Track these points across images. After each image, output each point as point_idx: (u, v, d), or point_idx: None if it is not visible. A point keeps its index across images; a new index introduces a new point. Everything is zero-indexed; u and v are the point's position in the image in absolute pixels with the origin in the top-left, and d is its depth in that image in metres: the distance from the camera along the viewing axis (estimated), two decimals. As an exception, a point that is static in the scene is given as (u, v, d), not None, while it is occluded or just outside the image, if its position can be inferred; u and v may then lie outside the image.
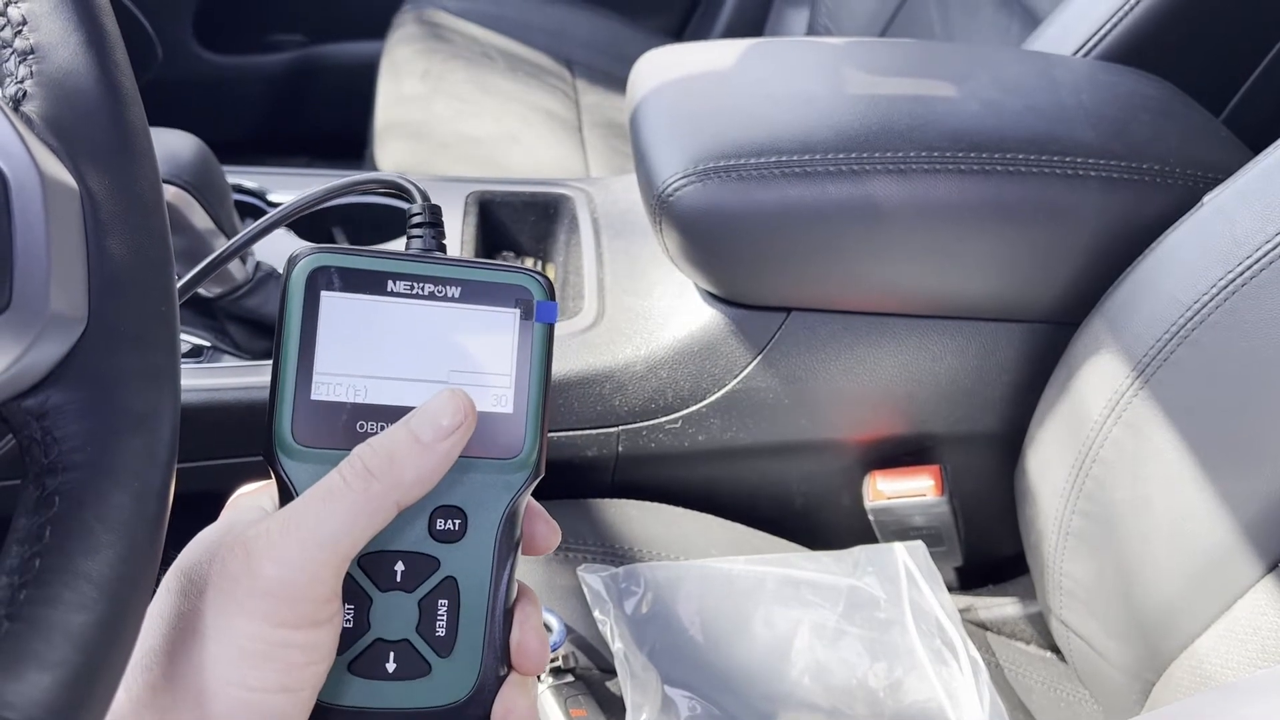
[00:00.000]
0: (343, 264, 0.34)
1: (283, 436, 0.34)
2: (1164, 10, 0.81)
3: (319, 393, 0.34)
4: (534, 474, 0.36)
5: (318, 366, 0.34)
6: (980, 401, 0.76)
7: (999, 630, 0.81)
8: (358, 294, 0.34)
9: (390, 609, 0.34)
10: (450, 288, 0.35)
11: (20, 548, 0.28)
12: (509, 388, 0.35)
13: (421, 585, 0.34)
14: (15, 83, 0.31)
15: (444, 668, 0.35)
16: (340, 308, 0.34)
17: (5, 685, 0.25)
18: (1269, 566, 0.58)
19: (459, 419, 0.33)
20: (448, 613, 0.35)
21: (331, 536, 0.31)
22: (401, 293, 0.35)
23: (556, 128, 1.25)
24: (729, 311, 0.74)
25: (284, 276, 0.35)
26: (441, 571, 0.35)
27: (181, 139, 0.67)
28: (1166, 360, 0.62)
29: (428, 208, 0.38)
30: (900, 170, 0.67)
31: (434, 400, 0.34)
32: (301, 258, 0.34)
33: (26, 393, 0.29)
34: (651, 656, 0.65)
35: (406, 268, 0.35)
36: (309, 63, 1.63)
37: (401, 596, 0.34)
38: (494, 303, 0.35)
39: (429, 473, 0.33)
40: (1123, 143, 0.71)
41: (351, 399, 0.34)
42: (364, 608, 0.34)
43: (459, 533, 0.35)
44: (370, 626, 0.34)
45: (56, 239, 0.29)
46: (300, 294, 0.34)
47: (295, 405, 0.34)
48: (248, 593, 0.31)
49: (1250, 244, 0.59)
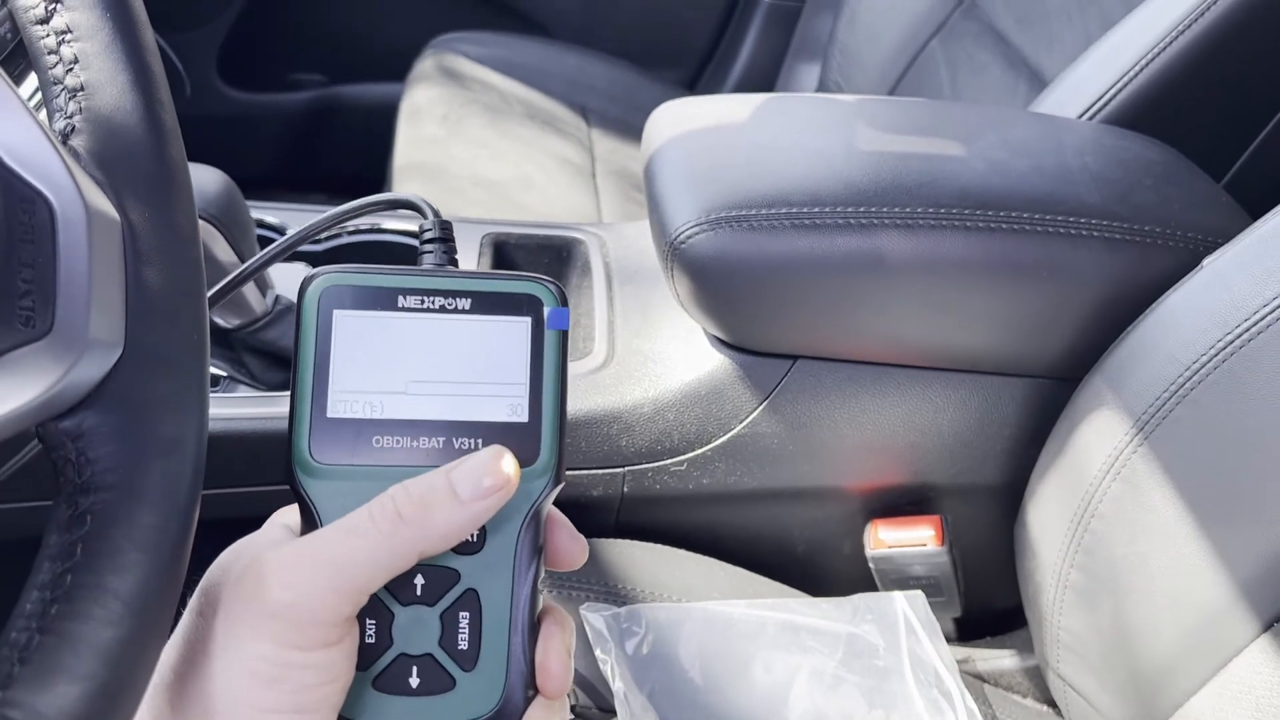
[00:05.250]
0: (354, 282, 0.35)
1: (301, 455, 0.34)
2: (1169, 77, 0.83)
3: (336, 410, 0.35)
4: (553, 481, 0.36)
5: (333, 384, 0.35)
6: (981, 454, 0.77)
7: (996, 682, 0.81)
8: (370, 310, 0.35)
9: (412, 623, 0.34)
10: (461, 300, 0.35)
11: (52, 564, 0.29)
12: (524, 396, 0.35)
13: (443, 598, 0.34)
14: (65, 118, 0.32)
15: (468, 682, 0.34)
16: (353, 325, 0.35)
17: (36, 696, 0.26)
18: (1265, 626, 0.58)
19: (500, 481, 0.33)
20: (470, 625, 0.34)
21: (349, 572, 0.31)
22: (413, 307, 0.35)
23: (571, 174, 1.27)
24: (736, 357, 0.75)
25: (297, 298, 0.35)
26: (462, 584, 0.34)
27: (208, 173, 0.69)
28: (1166, 418, 0.63)
29: (439, 224, 0.39)
30: (908, 225, 0.69)
31: (478, 456, 0.34)
32: (314, 277, 0.35)
33: (63, 414, 0.30)
34: (651, 697, 0.65)
35: (416, 282, 0.35)
36: (330, 103, 1.66)
37: (423, 610, 0.34)
38: (505, 312, 0.36)
39: (460, 528, 0.33)
40: (1126, 205, 0.72)
41: (368, 415, 0.35)
42: (386, 622, 0.34)
43: (478, 544, 0.35)
44: (393, 641, 0.34)
45: (98, 267, 0.30)
46: (314, 313, 0.35)
47: (312, 424, 0.34)
48: (257, 614, 0.31)
49: (1248, 307, 0.60)
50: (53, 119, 0.33)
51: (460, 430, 0.35)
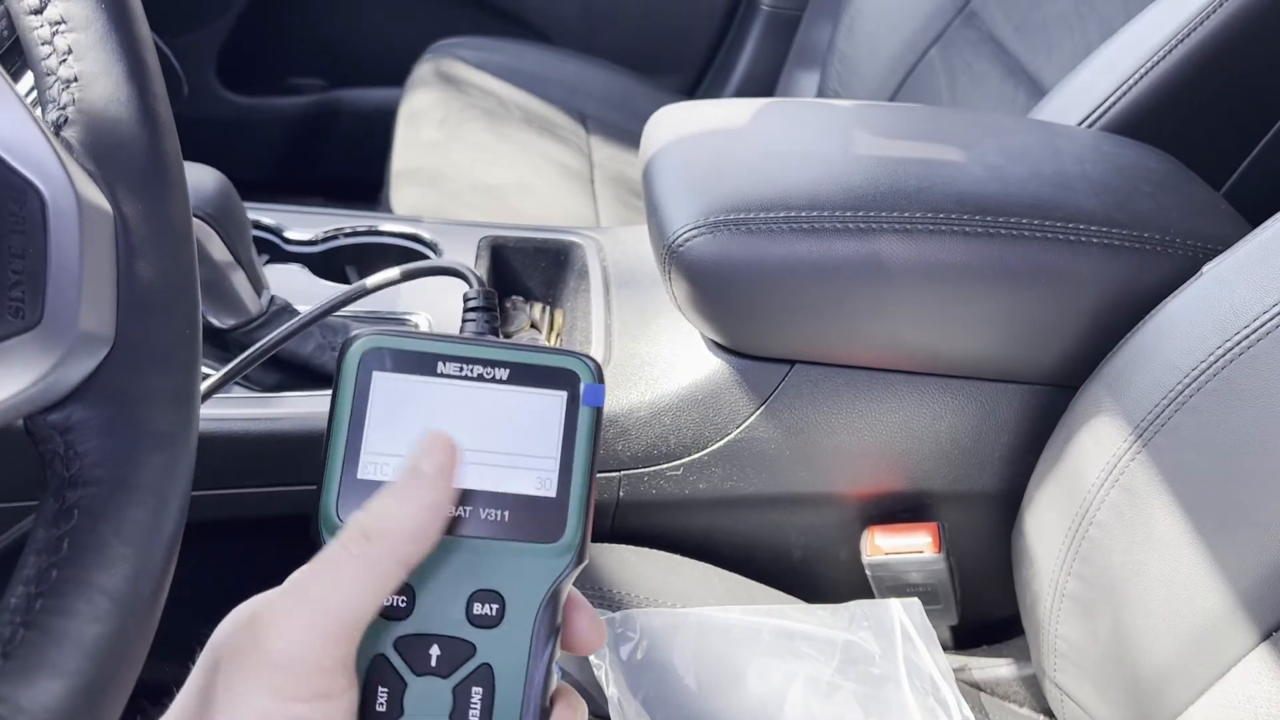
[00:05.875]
0: (396, 345, 0.35)
1: (328, 515, 0.34)
2: (1167, 86, 0.83)
3: (365, 472, 0.35)
4: (576, 560, 0.35)
5: (365, 446, 0.35)
6: (979, 461, 0.77)
7: (992, 691, 0.80)
8: (408, 374, 0.35)
9: (425, 695, 0.34)
10: (499, 370, 0.35)
11: (38, 558, 0.28)
12: (553, 471, 0.35)
13: (457, 671, 0.34)
14: (58, 109, 0.32)
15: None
16: (391, 388, 0.35)
17: (18, 690, 0.26)
18: (1264, 635, 0.58)
19: (439, 459, 0.33)
20: (482, 701, 0.34)
21: (336, 606, 0.31)
22: (451, 374, 0.35)
23: (569, 179, 1.27)
24: (734, 361, 0.75)
25: (339, 357, 0.35)
26: (478, 658, 0.34)
27: (204, 172, 0.68)
28: (1164, 426, 0.62)
29: (483, 293, 0.39)
30: (906, 230, 0.69)
31: (414, 448, 0.34)
32: (357, 339, 0.35)
33: (52, 407, 0.30)
34: (645, 704, 0.65)
35: (456, 350, 0.35)
36: (328, 107, 1.66)
37: (436, 682, 0.34)
38: (542, 385, 0.36)
39: (425, 523, 0.33)
40: (1125, 212, 0.72)
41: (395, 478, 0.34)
42: (397, 691, 0.34)
43: (497, 618, 0.34)
44: (404, 711, 0.34)
45: (89, 259, 0.30)
46: (353, 374, 0.35)
47: (341, 484, 0.34)
48: (256, 667, 0.31)
49: (1248, 314, 0.60)
50: (46, 110, 0.33)
51: (488, 501, 0.35)
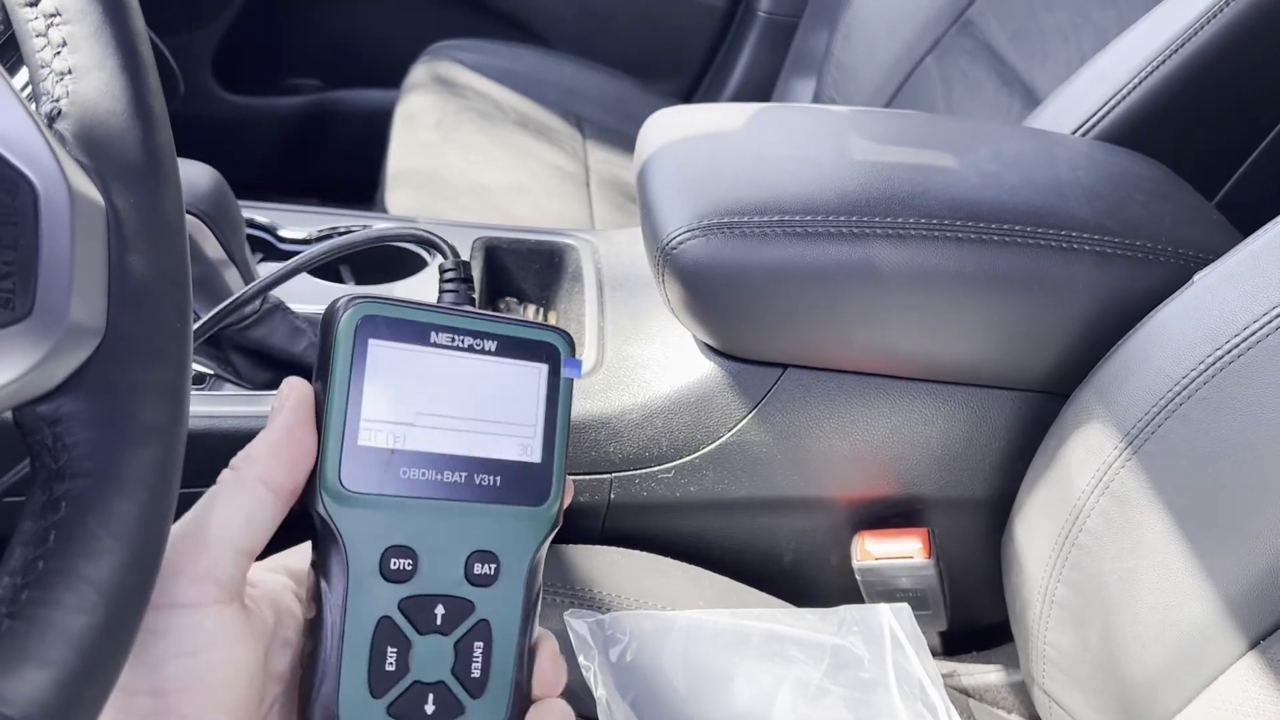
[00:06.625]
0: (390, 314, 0.36)
1: (331, 482, 0.35)
2: (1161, 96, 0.83)
3: (366, 439, 0.35)
4: (555, 522, 0.38)
5: (365, 413, 0.35)
6: (970, 467, 0.77)
7: (981, 697, 0.80)
8: (403, 343, 0.36)
9: (428, 652, 0.36)
10: (487, 341, 0.37)
11: (24, 549, 0.28)
12: (536, 438, 0.37)
13: (458, 628, 0.36)
14: (51, 101, 0.32)
15: (476, 708, 0.36)
16: (386, 356, 0.36)
17: (3, 682, 0.26)
18: (1251, 643, 0.58)
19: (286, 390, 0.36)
20: (482, 655, 0.36)
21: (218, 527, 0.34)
22: (443, 344, 0.36)
23: (564, 182, 1.27)
24: (726, 365, 0.75)
25: (328, 322, 0.36)
26: (476, 614, 0.36)
27: (199, 169, 0.68)
28: (1155, 433, 0.63)
29: (460, 264, 0.40)
30: (899, 235, 0.69)
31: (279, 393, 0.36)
32: (348, 306, 0.35)
33: (41, 399, 0.30)
34: (634, 705, 0.65)
35: (448, 320, 0.36)
36: (324, 107, 1.66)
37: (439, 639, 0.36)
38: (525, 357, 0.37)
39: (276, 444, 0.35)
40: (1117, 220, 0.72)
41: (395, 445, 0.36)
42: (404, 650, 0.35)
43: (494, 576, 0.36)
44: (410, 669, 0.35)
45: (80, 252, 0.30)
46: (349, 341, 0.35)
47: (344, 451, 0.35)
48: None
49: (1238, 322, 0.60)
50: (39, 102, 0.33)
51: (481, 467, 0.37)
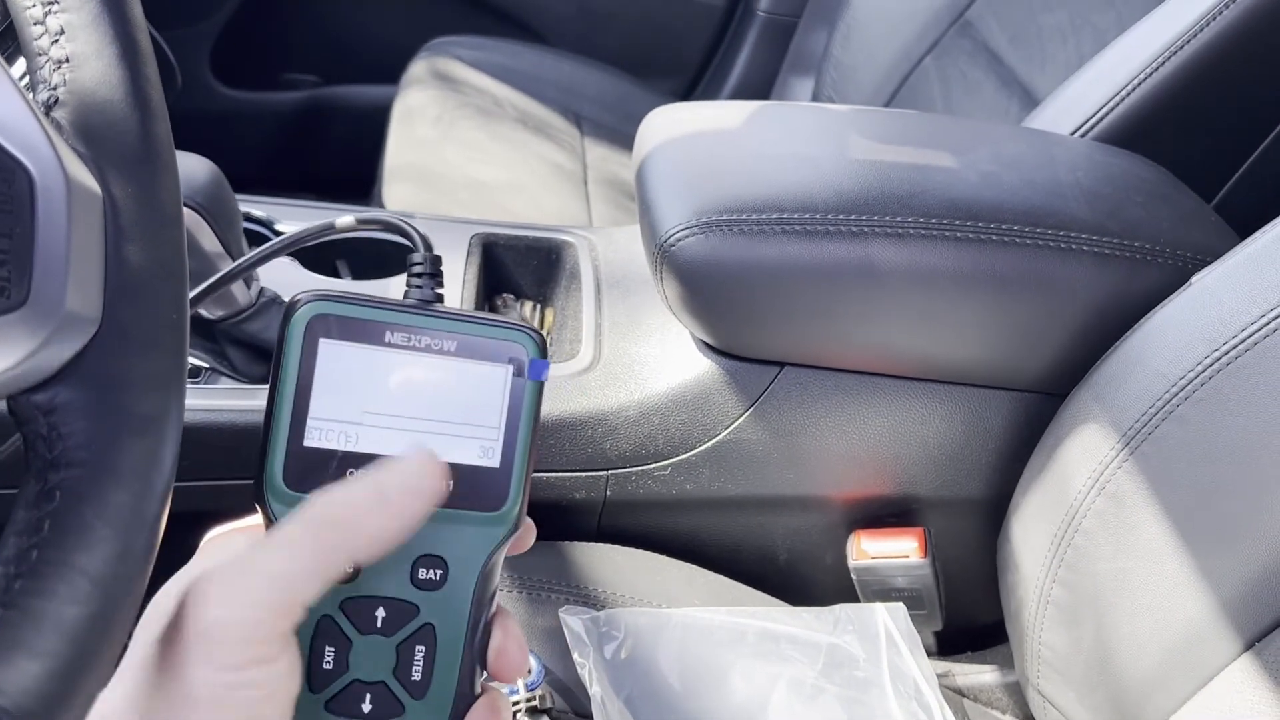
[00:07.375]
0: (342, 312, 0.35)
1: (273, 481, 0.34)
2: (1160, 98, 0.83)
3: (311, 439, 0.35)
4: (513, 528, 0.36)
5: (312, 412, 0.35)
6: (966, 467, 0.77)
7: (975, 698, 0.80)
8: (355, 342, 0.35)
9: (369, 652, 0.35)
10: (446, 341, 0.36)
11: (18, 539, 0.28)
12: (496, 441, 0.36)
13: (400, 631, 0.35)
14: (49, 89, 0.32)
15: (417, 709, 0.35)
16: (337, 355, 0.35)
17: (-4, 671, 0.26)
18: (1246, 645, 0.58)
19: (432, 483, 0.33)
20: (424, 658, 0.35)
21: (283, 581, 0.31)
22: (398, 344, 0.35)
23: (562, 179, 1.27)
24: (723, 363, 0.74)
25: (283, 320, 0.35)
26: (420, 618, 0.35)
27: (196, 162, 0.68)
28: (1151, 434, 0.63)
29: (429, 258, 0.39)
30: (898, 234, 0.69)
31: (408, 460, 0.33)
32: (302, 304, 0.35)
33: (36, 388, 0.29)
34: (628, 703, 0.64)
35: (404, 319, 0.35)
36: (322, 103, 1.65)
37: (380, 641, 0.35)
38: (487, 358, 0.36)
39: (389, 533, 0.32)
40: (1116, 221, 0.72)
41: (342, 446, 0.35)
42: (344, 649, 0.35)
43: (440, 582, 0.35)
44: (349, 668, 0.35)
45: (77, 241, 0.30)
46: (299, 340, 0.35)
47: (288, 450, 0.35)
48: (192, 638, 0.30)
49: (1236, 324, 0.60)
50: (37, 90, 0.32)
51: None
